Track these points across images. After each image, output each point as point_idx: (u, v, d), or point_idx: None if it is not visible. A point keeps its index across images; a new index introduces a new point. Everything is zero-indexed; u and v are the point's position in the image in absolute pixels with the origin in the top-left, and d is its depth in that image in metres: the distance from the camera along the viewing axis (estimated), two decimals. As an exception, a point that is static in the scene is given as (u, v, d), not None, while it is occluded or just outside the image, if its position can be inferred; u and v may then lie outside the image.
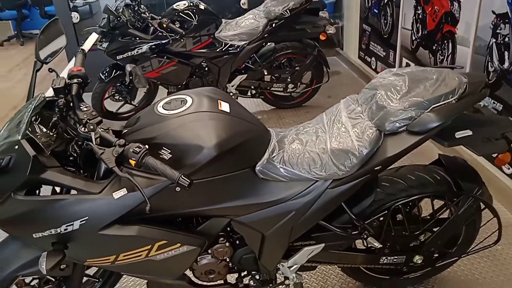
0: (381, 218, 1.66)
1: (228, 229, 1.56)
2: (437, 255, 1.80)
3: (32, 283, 1.69)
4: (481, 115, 1.57)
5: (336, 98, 4.10)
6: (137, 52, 3.31)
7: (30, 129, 1.26)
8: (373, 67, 4.28)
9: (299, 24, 3.50)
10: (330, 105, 1.68)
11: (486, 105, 2.49)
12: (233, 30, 3.46)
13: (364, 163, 1.43)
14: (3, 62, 6.37)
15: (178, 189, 1.34)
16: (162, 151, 1.31)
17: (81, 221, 1.30)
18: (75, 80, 1.38)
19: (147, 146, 1.21)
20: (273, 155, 1.46)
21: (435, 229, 1.70)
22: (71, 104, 1.36)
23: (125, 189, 1.29)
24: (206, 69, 3.53)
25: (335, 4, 5.62)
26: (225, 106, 1.44)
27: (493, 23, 2.41)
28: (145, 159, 1.19)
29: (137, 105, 3.87)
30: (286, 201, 1.48)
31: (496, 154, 1.57)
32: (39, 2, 6.90)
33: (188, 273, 1.62)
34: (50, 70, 1.49)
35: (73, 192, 1.33)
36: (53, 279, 1.70)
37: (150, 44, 3.31)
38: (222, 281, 1.71)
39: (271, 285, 1.73)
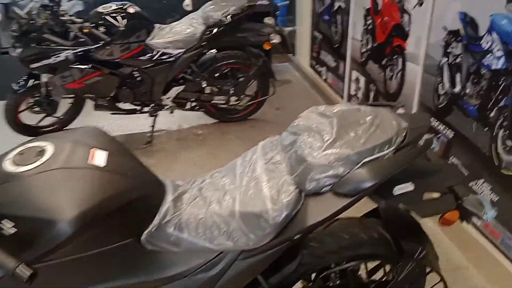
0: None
1: None
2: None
3: None
4: (425, 161, 1.30)
5: (285, 110, 3.82)
6: (54, 60, 2.89)
7: None
8: (324, 77, 4.02)
9: (240, 32, 3.18)
10: (279, 119, 1.37)
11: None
12: (167, 37, 3.10)
13: (279, 231, 1.13)
14: None
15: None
16: (3, 223, 0.95)
17: None
18: None
19: None
20: (165, 220, 1.13)
21: None
22: None
23: None
24: (138, 79, 3.15)
25: (288, 7, 5.35)
26: (99, 157, 1.10)
27: (444, 40, 2.18)
28: None
29: (62, 116, 3.44)
30: (184, 276, 1.16)
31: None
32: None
33: None
34: None
35: None
36: None
37: (70, 51, 2.90)
38: None
39: None
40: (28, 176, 1.01)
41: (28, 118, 3.32)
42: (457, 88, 2.10)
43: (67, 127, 3.50)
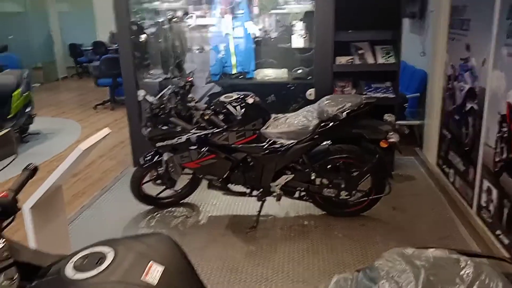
0: None
1: None
2: None
3: None
4: None
5: (403, 211, 3.49)
6: (176, 141, 3.14)
7: None
8: (451, 180, 3.61)
9: (356, 128, 3.07)
10: (394, 220, 1.22)
11: None
12: (281, 128, 3.14)
13: None
14: (94, 125, 6.79)
15: None
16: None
17: None
18: None
19: None
20: None
21: None
22: None
23: None
24: (250, 164, 3.23)
25: (419, 99, 5.10)
26: (154, 273, 1.06)
27: None
28: None
29: (179, 190, 3.67)
30: None
31: None
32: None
33: None
34: None
35: None
36: None
37: (191, 134, 3.12)
38: None
39: None
40: (81, 285, 1.01)
41: (150, 189, 3.61)
42: None
43: (183, 200, 3.72)
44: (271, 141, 3.13)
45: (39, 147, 5.64)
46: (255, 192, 3.37)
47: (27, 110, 5.64)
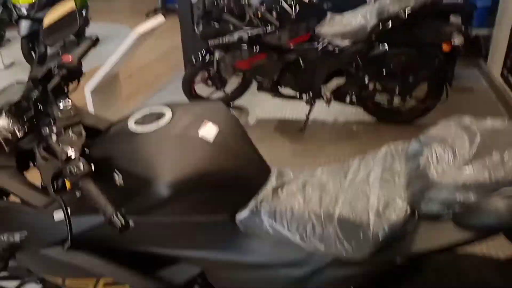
0: None
1: (204, 278, 1.26)
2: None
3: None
4: None
5: (457, 121, 3.36)
6: (228, 39, 3.10)
7: None
8: (515, 91, 3.40)
9: (418, 29, 2.88)
10: None
11: None
12: (337, 27, 3.01)
13: (379, 249, 0.98)
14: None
15: (131, 224, 1.07)
16: (115, 174, 1.05)
17: (20, 235, 1.13)
18: (60, 72, 1.20)
19: (92, 167, 0.97)
20: (261, 206, 1.10)
21: None
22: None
23: (64, 217, 1.06)
24: (301, 66, 3.16)
25: (490, 8, 4.65)
26: (209, 131, 1.11)
27: None
28: (81, 183, 0.95)
29: (230, 92, 3.71)
30: (272, 267, 1.11)
31: None
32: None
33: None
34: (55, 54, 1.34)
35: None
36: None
37: (243, 32, 3.07)
38: None
39: None
40: (143, 136, 1.08)
41: (202, 90, 3.67)
42: None
43: (233, 102, 3.77)
44: (326, 41, 3.03)
45: (95, 51, 5.79)
46: (304, 96, 3.34)
47: (83, 12, 5.72)
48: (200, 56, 3.41)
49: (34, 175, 1.22)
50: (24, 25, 4.80)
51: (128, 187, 1.03)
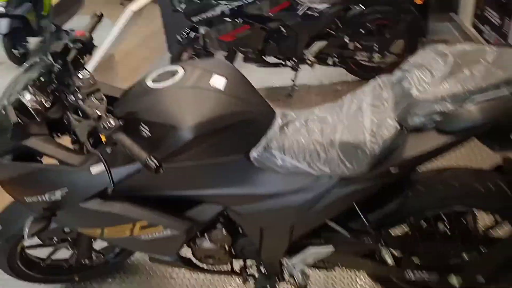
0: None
1: (226, 214, 1.43)
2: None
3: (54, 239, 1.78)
4: None
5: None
6: (211, 14, 3.22)
7: (24, 95, 1.24)
8: (486, 38, 3.59)
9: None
10: None
11: None
12: (314, -9, 3.15)
13: (376, 163, 1.15)
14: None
15: (160, 170, 1.23)
16: (141, 128, 1.20)
17: (62, 192, 1.28)
18: (75, 45, 1.32)
19: (121, 122, 1.11)
20: (271, 142, 1.26)
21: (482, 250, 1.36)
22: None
23: (105, 167, 1.21)
24: (283, 33, 3.30)
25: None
26: (219, 82, 1.26)
27: None
28: (115, 135, 1.10)
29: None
30: (285, 195, 1.28)
31: None
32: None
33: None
34: (66, 32, 1.46)
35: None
36: (70, 239, 1.77)
37: (225, 6, 3.18)
38: (226, 268, 1.60)
39: (276, 279, 1.57)
40: (161, 90, 1.23)
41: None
42: None
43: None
44: (305, 6, 3.16)
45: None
46: (289, 63, 3.49)
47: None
48: (185, 34, 3.51)
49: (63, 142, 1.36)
50: (3, 24, 4.79)
51: (155, 136, 1.18)
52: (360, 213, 1.32)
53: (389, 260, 1.37)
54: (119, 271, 2.03)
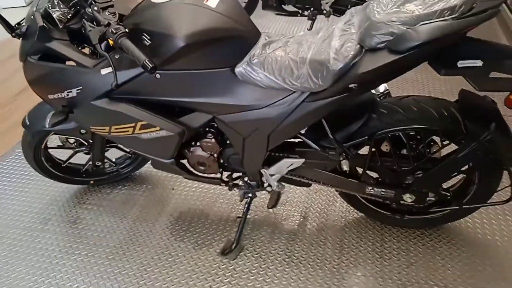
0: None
1: (216, 126, 1.65)
2: (432, 199, 1.65)
3: (73, 143, 2.07)
4: (496, 43, 1.29)
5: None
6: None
7: (50, 5, 1.49)
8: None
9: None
10: None
11: None
12: None
13: (338, 79, 1.34)
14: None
15: (158, 76, 1.46)
16: (143, 37, 1.42)
17: (77, 90, 1.53)
18: None
19: (126, 29, 1.34)
20: (253, 59, 1.45)
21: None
22: None
23: (111, 67, 1.44)
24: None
25: None
26: (213, 1, 1.46)
27: None
28: (120, 40, 1.32)
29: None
30: (263, 107, 1.49)
31: (508, 94, 1.31)
32: None
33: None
34: None
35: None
36: (86, 143, 2.05)
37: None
38: (215, 175, 1.85)
39: (257, 189, 1.81)
40: (163, 5, 1.43)
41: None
42: None
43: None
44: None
45: None
46: (306, 11, 3.60)
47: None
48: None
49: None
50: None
51: (154, 44, 1.39)
52: (328, 130, 1.52)
53: (345, 167, 1.58)
54: (128, 181, 2.32)
